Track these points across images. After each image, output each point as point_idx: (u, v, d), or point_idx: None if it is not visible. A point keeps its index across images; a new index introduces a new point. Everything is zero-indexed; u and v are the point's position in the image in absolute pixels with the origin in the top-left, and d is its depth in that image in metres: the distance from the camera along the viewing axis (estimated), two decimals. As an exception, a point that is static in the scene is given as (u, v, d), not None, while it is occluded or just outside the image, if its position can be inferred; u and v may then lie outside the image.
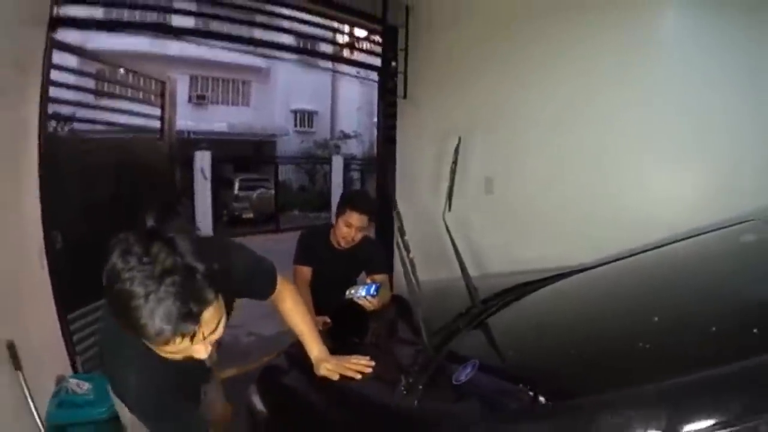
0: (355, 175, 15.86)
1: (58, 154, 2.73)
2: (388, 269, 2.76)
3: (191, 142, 12.88)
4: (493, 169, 3.27)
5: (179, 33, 4.18)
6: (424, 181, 3.74)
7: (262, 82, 18.70)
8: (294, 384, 1.56)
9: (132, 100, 4.21)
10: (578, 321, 1.43)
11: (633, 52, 2.58)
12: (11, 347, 2.01)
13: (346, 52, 5.37)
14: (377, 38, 4.28)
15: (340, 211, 2.36)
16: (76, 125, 4.41)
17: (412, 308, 1.67)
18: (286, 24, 4.29)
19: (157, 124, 4.36)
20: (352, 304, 1.99)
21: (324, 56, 5.68)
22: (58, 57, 2.73)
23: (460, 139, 2.76)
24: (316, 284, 2.42)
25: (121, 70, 4.35)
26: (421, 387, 1.19)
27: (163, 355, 0.94)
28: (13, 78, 2.28)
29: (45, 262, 2.51)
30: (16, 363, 2.02)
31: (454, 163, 2.53)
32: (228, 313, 1.10)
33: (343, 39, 5.21)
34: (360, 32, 4.77)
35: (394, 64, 4.06)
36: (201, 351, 0.96)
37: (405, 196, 3.98)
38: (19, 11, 2.29)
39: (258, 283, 1.42)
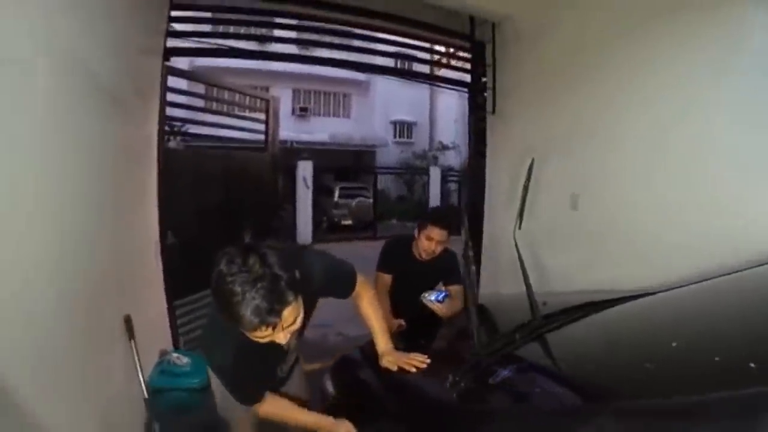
0: (452, 186, 15.91)
1: (173, 165, 3.17)
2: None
3: (294, 151, 13.58)
4: (579, 186, 3.19)
5: (282, 59, 4.55)
6: (512, 195, 3.66)
7: (362, 94, 19.39)
8: (360, 373, 1.77)
9: (238, 117, 4.65)
10: (640, 339, 1.46)
11: (728, 71, 2.46)
12: (128, 321, 2.35)
13: (437, 69, 5.52)
14: (466, 54, 4.39)
15: (422, 225, 2.53)
16: (189, 139, 4.95)
17: (479, 317, 1.77)
18: (381, 46, 4.56)
19: (261, 136, 4.79)
20: (428, 312, 2.16)
21: (416, 75, 5.92)
22: (172, 81, 3.18)
23: (533, 160, 2.77)
24: (396, 290, 2.59)
25: (226, 94, 4.85)
26: (462, 384, 1.33)
27: (253, 339, 1.26)
28: (136, 101, 2.67)
29: (159, 256, 2.93)
30: (130, 334, 2.35)
31: (527, 182, 2.58)
32: (311, 309, 1.54)
33: (433, 57, 5.37)
34: (450, 49, 4.89)
35: (484, 79, 4.15)
36: (281, 338, 1.29)
37: (494, 209, 4.07)
38: (139, 44, 2.67)
39: (339, 284, 1.67)
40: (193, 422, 2.43)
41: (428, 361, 1.59)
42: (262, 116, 4.85)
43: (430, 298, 2.18)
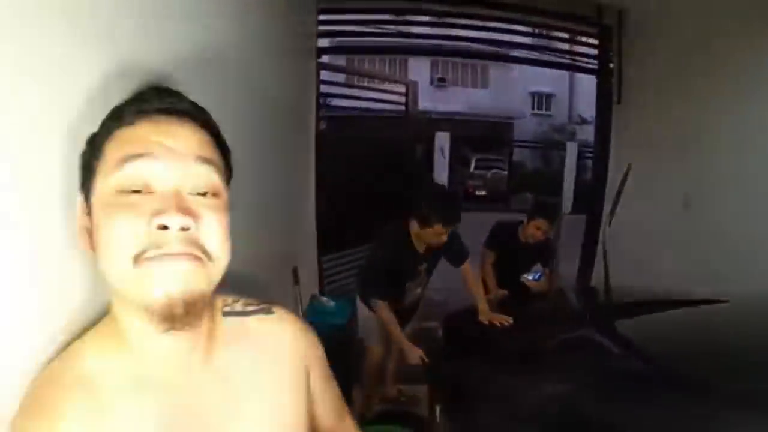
0: (588, 163, 15.37)
1: (325, 144, 3.79)
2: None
3: (432, 121, 14.03)
4: (693, 185, 3.26)
5: (419, 53, 5.03)
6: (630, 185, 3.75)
7: (500, 65, 19.07)
8: (463, 324, 2.36)
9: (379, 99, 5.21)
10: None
11: None
12: (295, 271, 2.98)
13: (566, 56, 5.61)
14: (593, 40, 4.45)
15: (532, 216, 2.97)
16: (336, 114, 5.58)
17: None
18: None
19: (401, 108, 5.34)
20: (525, 288, 2.67)
21: (543, 64, 6.02)
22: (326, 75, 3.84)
23: (630, 165, 2.95)
24: (501, 265, 3.07)
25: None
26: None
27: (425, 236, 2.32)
28: (299, 96, 3.18)
29: (314, 219, 3.61)
30: (296, 280, 2.93)
31: (621, 185, 2.82)
32: (433, 268, 2.59)
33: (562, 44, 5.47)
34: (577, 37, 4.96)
35: (611, 65, 4.19)
36: (443, 239, 2.32)
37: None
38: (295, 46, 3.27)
39: (458, 255, 2.53)
40: (337, 349, 3.13)
41: (511, 321, 2.14)
42: (402, 99, 5.43)
43: (528, 276, 2.69)
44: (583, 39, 4.73)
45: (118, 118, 0.55)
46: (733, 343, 1.54)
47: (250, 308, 0.68)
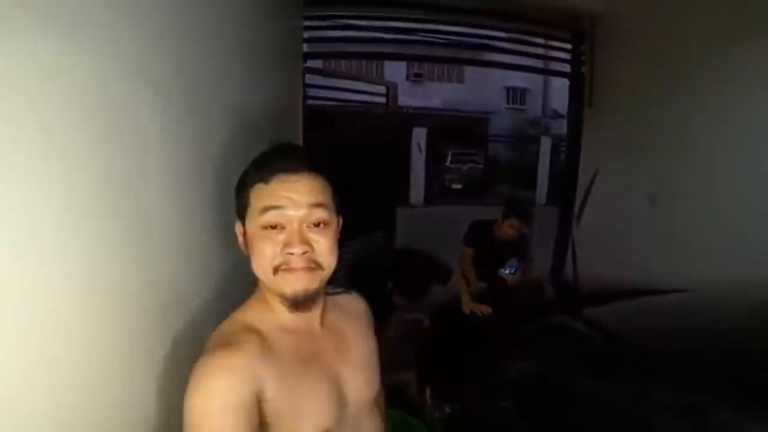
0: (563, 156, 15.75)
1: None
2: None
3: (408, 117, 14.22)
4: (662, 185, 3.43)
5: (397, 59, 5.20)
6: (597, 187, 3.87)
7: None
8: (449, 314, 2.64)
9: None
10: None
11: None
12: None
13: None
14: (566, 45, 4.67)
15: (506, 215, 3.16)
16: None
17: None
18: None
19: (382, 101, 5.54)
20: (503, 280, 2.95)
21: (517, 68, 6.15)
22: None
23: (597, 169, 3.16)
24: (479, 260, 3.30)
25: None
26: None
27: None
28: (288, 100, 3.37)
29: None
30: None
31: (590, 186, 3.06)
32: None
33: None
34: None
35: (583, 70, 4.40)
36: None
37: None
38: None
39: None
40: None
41: (490, 310, 2.46)
42: (382, 100, 5.64)
43: (505, 271, 2.96)
44: (557, 44, 4.98)
45: (258, 176, 0.83)
46: (690, 326, 1.70)
47: (339, 291, 1.03)
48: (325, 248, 0.83)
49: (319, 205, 0.82)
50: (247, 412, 0.74)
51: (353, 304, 1.04)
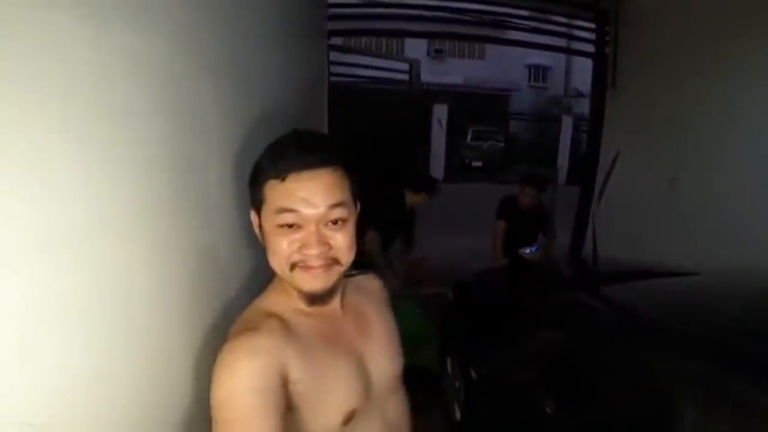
0: (584, 136, 15.58)
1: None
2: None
3: (429, 93, 14.14)
4: (681, 168, 3.42)
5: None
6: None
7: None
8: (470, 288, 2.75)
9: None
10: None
11: None
12: None
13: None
14: (591, 25, 4.65)
15: (521, 186, 3.49)
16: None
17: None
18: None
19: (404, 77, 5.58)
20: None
21: (540, 47, 6.08)
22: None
23: (618, 152, 3.12)
24: (510, 234, 3.50)
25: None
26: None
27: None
28: (315, 78, 3.42)
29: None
30: None
31: (610, 170, 3.04)
32: None
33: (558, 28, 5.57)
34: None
35: (607, 50, 4.36)
36: None
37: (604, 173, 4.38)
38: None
39: None
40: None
41: None
42: (405, 77, 5.67)
43: (526, 250, 3.05)
44: (580, 23, 4.95)
45: (274, 172, 0.79)
46: (703, 307, 1.76)
47: (356, 272, 1.01)
48: (343, 245, 0.82)
49: (337, 204, 0.80)
50: (273, 395, 0.74)
51: (370, 283, 1.05)
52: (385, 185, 3.12)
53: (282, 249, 0.80)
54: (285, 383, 0.76)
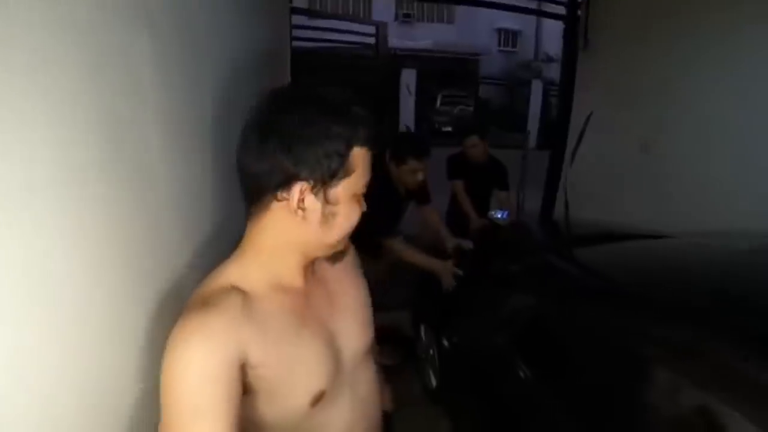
0: (554, 101, 15.69)
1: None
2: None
3: (398, 58, 13.97)
4: (654, 130, 3.37)
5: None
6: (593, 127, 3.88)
7: (466, -1, 18.76)
8: None
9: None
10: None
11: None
12: None
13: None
14: None
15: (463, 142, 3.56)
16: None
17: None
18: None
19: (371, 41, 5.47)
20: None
21: (510, 9, 5.82)
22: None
23: (591, 113, 3.13)
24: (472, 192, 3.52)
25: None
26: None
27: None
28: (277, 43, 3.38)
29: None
30: None
31: (582, 130, 3.05)
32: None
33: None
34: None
35: (579, 12, 4.30)
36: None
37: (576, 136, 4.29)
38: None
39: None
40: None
41: (471, 246, 2.54)
42: (372, 41, 5.52)
43: (496, 215, 3.02)
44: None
45: (364, 139, 0.77)
46: (678, 269, 1.77)
47: None
48: None
49: None
50: (227, 382, 0.68)
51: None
52: None
53: (357, 216, 0.81)
54: (243, 367, 0.71)
